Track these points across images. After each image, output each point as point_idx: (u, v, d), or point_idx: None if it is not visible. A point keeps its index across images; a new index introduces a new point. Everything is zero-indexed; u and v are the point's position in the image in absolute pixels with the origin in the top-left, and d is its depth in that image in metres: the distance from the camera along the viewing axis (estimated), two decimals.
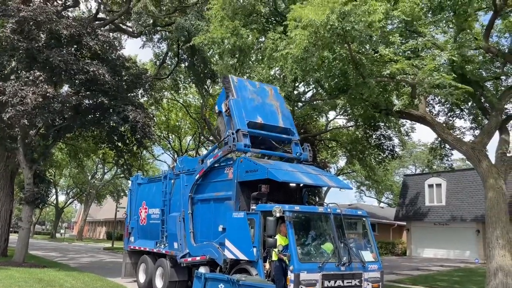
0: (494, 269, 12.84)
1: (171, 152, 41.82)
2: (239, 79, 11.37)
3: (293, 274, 8.05)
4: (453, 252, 27.97)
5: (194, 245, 11.05)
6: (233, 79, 11.23)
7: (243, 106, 10.83)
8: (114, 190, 53.97)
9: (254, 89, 11.38)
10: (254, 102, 11.15)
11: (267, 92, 11.68)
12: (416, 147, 49.90)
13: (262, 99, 11.41)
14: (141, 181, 15.04)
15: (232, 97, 10.88)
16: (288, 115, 11.96)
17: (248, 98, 11.09)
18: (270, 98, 11.56)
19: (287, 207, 8.63)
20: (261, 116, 11.01)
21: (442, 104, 18.14)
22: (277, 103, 11.65)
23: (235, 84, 11.13)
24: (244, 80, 11.62)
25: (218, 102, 11.81)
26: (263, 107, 11.29)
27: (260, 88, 11.60)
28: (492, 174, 13.45)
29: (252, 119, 10.81)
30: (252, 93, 11.26)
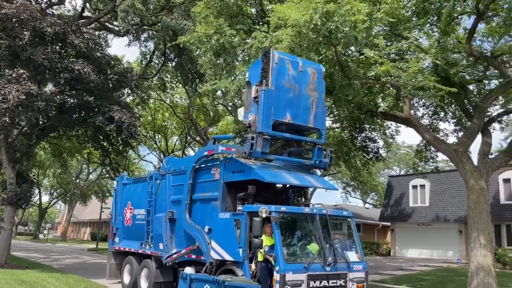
0: (475, 268, 13.07)
1: (157, 152, 41.56)
2: (280, 58, 9.55)
3: (279, 274, 8.07)
4: (436, 252, 28.36)
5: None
6: (274, 58, 9.47)
7: (275, 100, 9.44)
8: (99, 190, 53.38)
9: (295, 73, 9.73)
10: (289, 94, 9.69)
11: (309, 77, 10.00)
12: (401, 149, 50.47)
13: (300, 88, 9.84)
14: (126, 181, 14.92)
15: (265, 86, 9.30)
16: (323, 110, 10.54)
17: (284, 88, 9.58)
18: (310, 86, 9.98)
19: (273, 208, 8.66)
20: (291, 114, 9.71)
21: (426, 107, 18.40)
22: (315, 94, 10.09)
23: (274, 67, 9.43)
24: (286, 60, 9.66)
25: (250, 71, 10.06)
26: (297, 101, 9.84)
27: (302, 72, 9.86)
28: (474, 176, 13.69)
29: (280, 117, 9.59)
30: (291, 80, 9.68)
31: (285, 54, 9.88)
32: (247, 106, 9.88)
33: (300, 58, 10.26)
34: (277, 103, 9.45)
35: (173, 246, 11.57)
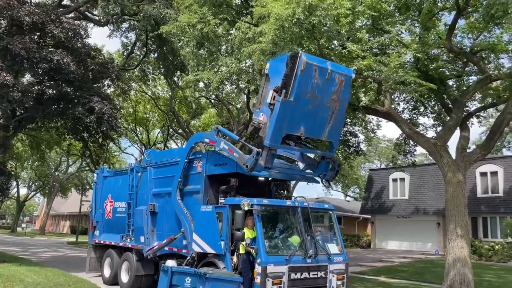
0: (452, 260, 13.38)
1: (139, 145, 41.12)
2: (308, 64, 8.39)
3: (260, 266, 8.11)
4: (415, 244, 28.94)
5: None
6: (301, 63, 8.32)
7: (292, 112, 8.58)
8: (79, 183, 52.61)
9: (320, 82, 8.72)
10: (308, 106, 8.79)
11: (335, 86, 8.99)
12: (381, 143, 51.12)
13: (322, 99, 8.91)
14: (107, 173, 14.74)
15: (284, 97, 8.30)
16: (341, 121, 9.85)
17: (304, 99, 8.64)
18: (333, 96, 9.06)
19: (255, 201, 8.68)
20: (305, 127, 9.00)
21: (406, 102, 18.65)
22: (336, 105, 9.22)
23: (299, 74, 8.36)
24: (313, 67, 8.52)
25: (271, 64, 9.05)
26: (316, 113, 9.02)
27: (329, 80, 8.83)
28: (452, 169, 13.98)
29: (293, 131, 8.95)
30: (314, 89, 8.68)
31: (314, 59, 8.77)
32: (260, 101, 9.05)
33: (331, 62, 9.16)
34: (292, 115, 8.64)
35: (155, 239, 11.50)
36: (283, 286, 8.25)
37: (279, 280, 8.18)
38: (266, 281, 8.04)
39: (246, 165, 8.65)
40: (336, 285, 9.14)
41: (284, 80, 8.39)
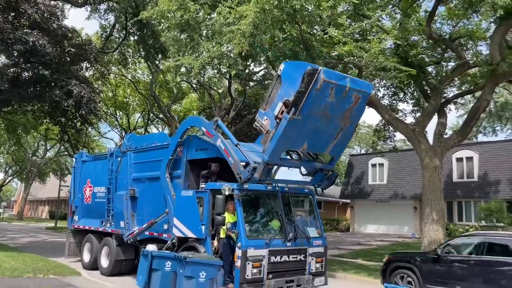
0: (428, 242, 13.78)
1: (119, 129, 40.54)
2: (326, 82, 7.78)
3: (241, 250, 8.18)
4: (392, 227, 29.59)
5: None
6: (318, 82, 7.70)
7: (297, 130, 8.14)
8: (58, 168, 51.74)
9: (335, 100, 8.13)
10: (317, 123, 8.33)
11: (349, 103, 8.43)
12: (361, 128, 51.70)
13: (333, 116, 8.41)
14: (85, 158, 14.54)
15: (292, 115, 7.76)
16: (348, 137, 9.45)
17: (314, 117, 8.15)
18: (346, 113, 8.57)
19: (236, 186, 8.70)
20: (309, 143, 8.70)
21: (386, 88, 18.87)
22: (347, 123, 8.79)
23: (314, 93, 7.78)
24: (331, 85, 7.89)
25: (286, 67, 8.34)
26: (323, 130, 8.59)
27: (345, 97, 8.25)
28: (429, 154, 14.28)
29: (295, 147, 8.71)
30: (327, 108, 8.15)
31: (333, 75, 8.07)
32: (266, 102, 8.51)
33: (350, 79, 8.34)
34: (298, 133, 8.22)
35: (135, 224, 11.46)
36: (263, 269, 8.35)
37: (259, 264, 8.27)
38: (246, 264, 8.12)
39: (240, 177, 8.42)
40: (315, 268, 9.32)
41: (297, 97, 7.77)
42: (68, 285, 9.94)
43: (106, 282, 10.77)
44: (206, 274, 6.78)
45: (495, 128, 41.33)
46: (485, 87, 14.16)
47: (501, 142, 27.74)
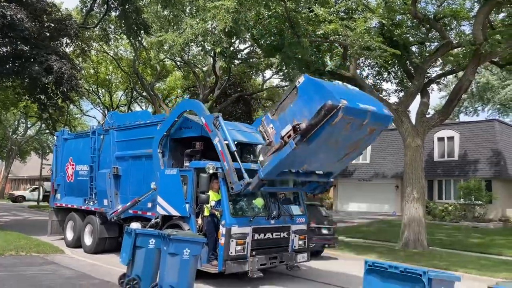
0: (408, 220, 14.12)
1: (101, 107, 39.92)
2: (343, 119, 7.06)
3: (225, 228, 8.26)
4: (374, 206, 30.16)
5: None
6: (336, 117, 6.97)
7: (300, 155, 7.71)
8: (39, 146, 50.89)
9: (349, 132, 7.54)
10: (322, 150, 7.83)
11: (362, 134, 7.90)
12: None
13: (343, 145, 7.90)
14: (67, 136, 14.33)
15: (299, 143, 7.23)
16: (351, 159, 9.12)
17: (322, 146, 7.64)
18: (357, 143, 8.11)
19: (219, 164, 8.70)
20: (309, 164, 8.32)
21: (371, 67, 18.93)
22: (355, 149, 8.37)
23: (328, 127, 7.13)
24: (347, 121, 7.22)
25: (305, 82, 7.50)
26: (327, 155, 8.16)
27: (361, 129, 7.63)
28: (411, 134, 14.48)
29: (294, 168, 8.25)
30: (337, 138, 7.57)
31: (355, 112, 7.22)
32: (276, 109, 7.92)
33: (372, 112, 7.51)
34: (300, 157, 7.80)
35: (118, 202, 11.43)
36: (247, 246, 8.45)
37: (243, 241, 8.37)
38: (230, 241, 8.21)
39: (232, 187, 8.19)
40: (298, 245, 9.48)
41: (308, 128, 7.16)
42: (51, 262, 9.93)
43: (90, 259, 10.79)
44: (190, 251, 6.83)
45: (476, 108, 42.05)
46: (468, 67, 14.32)
47: (482, 122, 28.25)
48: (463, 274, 9.99)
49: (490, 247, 14.96)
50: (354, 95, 7.79)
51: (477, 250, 14.37)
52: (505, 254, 13.64)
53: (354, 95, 7.79)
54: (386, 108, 8.15)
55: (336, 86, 7.70)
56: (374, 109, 7.53)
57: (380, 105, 8.04)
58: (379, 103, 8.31)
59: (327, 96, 7.03)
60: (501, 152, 25.14)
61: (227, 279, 8.78)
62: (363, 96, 8.38)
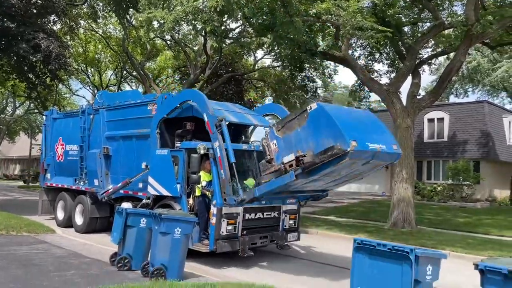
0: (397, 200, 14.30)
1: (91, 87, 39.38)
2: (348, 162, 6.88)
3: (216, 208, 8.31)
4: (364, 186, 30.46)
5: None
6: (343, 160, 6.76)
7: (299, 184, 7.66)
8: (28, 126, 50.31)
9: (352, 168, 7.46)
10: (323, 179, 7.75)
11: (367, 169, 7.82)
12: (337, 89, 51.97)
13: (343, 176, 7.82)
14: (56, 115, 14.18)
15: (301, 176, 7.15)
16: (348, 182, 8.88)
17: (323, 178, 7.62)
18: (358, 174, 8.06)
19: (210, 145, 8.68)
20: (308, 188, 8.32)
21: (363, 48, 18.85)
22: (355, 178, 8.41)
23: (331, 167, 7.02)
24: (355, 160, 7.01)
25: (318, 110, 7.12)
26: (325, 183, 8.20)
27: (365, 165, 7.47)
28: (402, 115, 14.55)
29: (290, 190, 8.22)
30: (340, 172, 7.47)
31: (363, 154, 7.00)
32: (283, 126, 7.68)
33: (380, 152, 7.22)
34: (300, 185, 7.80)
35: (109, 182, 11.42)
36: (238, 226, 8.53)
37: (234, 221, 8.44)
38: (222, 221, 8.27)
39: (225, 198, 8.10)
40: (289, 224, 9.59)
41: (311, 164, 7.01)
42: (42, 242, 9.94)
43: (81, 239, 10.81)
44: (181, 230, 6.88)
45: (466, 90, 42.27)
46: (459, 48, 14.32)
47: (472, 103, 28.44)
48: (450, 252, 10.22)
49: (477, 227, 15.27)
50: (365, 130, 7.35)
51: (464, 229, 14.66)
52: (491, 233, 13.94)
53: (365, 130, 7.35)
54: (396, 143, 7.82)
55: (347, 121, 7.15)
56: (383, 147, 7.26)
57: (389, 140, 7.70)
58: (389, 136, 7.95)
59: (337, 137, 6.72)
60: (489, 133, 25.42)
61: (219, 258, 8.88)
62: (374, 127, 7.83)
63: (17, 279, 6.50)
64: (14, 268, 7.19)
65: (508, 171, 27.57)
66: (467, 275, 8.28)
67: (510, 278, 3.76)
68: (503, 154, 26.42)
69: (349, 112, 7.72)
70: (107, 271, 7.40)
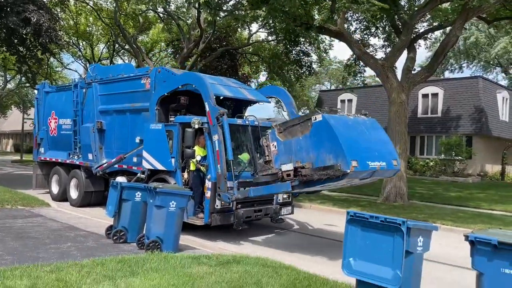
0: None
1: (83, 60, 38.76)
2: (358, 169, 6.75)
3: (211, 182, 8.36)
4: None
5: None
6: (342, 180, 6.94)
7: (297, 189, 7.73)
8: (20, 100, 49.67)
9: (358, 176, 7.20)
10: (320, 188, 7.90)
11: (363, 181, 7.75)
12: (332, 64, 51.60)
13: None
14: (48, 89, 14.00)
15: (296, 186, 7.32)
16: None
17: (316, 188, 7.76)
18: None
19: (205, 119, 8.66)
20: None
21: (359, 22, 18.63)
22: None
23: (330, 183, 7.11)
24: (361, 172, 6.92)
25: (319, 125, 7.06)
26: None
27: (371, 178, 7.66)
28: (397, 90, 14.53)
29: None
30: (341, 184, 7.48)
31: (362, 170, 6.86)
32: (286, 129, 7.62)
33: (382, 164, 7.17)
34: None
35: (103, 156, 11.41)
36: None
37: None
38: (216, 195, 8.32)
39: (219, 194, 8.15)
40: (283, 198, 9.69)
41: (309, 179, 7.05)
42: (37, 215, 9.98)
43: (76, 212, 10.87)
44: (176, 204, 6.93)
45: (461, 66, 42.18)
46: (456, 22, 14.21)
47: (466, 79, 28.43)
48: (441, 225, 10.41)
49: (467, 201, 15.52)
50: (368, 146, 7.18)
51: (455, 203, 14.90)
52: (481, 207, 14.19)
53: (368, 146, 7.18)
54: (397, 158, 7.67)
55: (350, 138, 6.98)
56: (383, 165, 7.16)
57: (390, 156, 7.52)
58: (391, 150, 7.74)
59: (339, 155, 6.66)
60: (483, 109, 25.53)
61: (213, 231, 9.00)
62: (377, 139, 7.64)
63: (13, 251, 6.55)
64: (10, 241, 7.24)
65: (500, 146, 27.86)
66: (457, 247, 8.47)
67: (499, 249, 3.85)
68: (496, 130, 26.62)
69: (354, 124, 7.51)
70: (103, 243, 7.48)
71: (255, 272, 5.73)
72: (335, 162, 6.69)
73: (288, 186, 7.27)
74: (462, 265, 7.09)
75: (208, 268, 5.83)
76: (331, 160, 6.76)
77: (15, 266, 5.47)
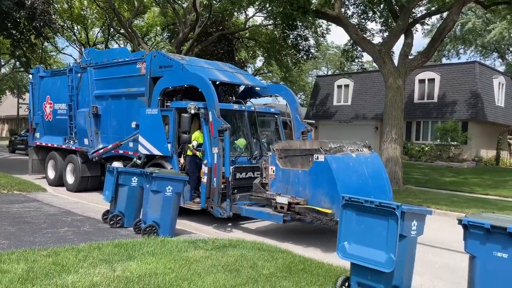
0: (386, 159, 14.51)
1: (78, 45, 38.34)
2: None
3: (207, 167, 8.37)
4: None
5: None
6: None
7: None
8: (14, 85, 49.27)
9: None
10: None
11: None
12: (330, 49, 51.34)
13: None
14: (43, 73, 13.88)
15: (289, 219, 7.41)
16: None
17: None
18: None
19: (202, 104, 8.64)
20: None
21: (356, 6, 18.48)
22: None
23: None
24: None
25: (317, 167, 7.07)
26: None
27: None
28: (393, 75, 14.50)
29: None
30: None
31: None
32: (284, 158, 7.65)
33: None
34: None
35: (99, 141, 11.39)
36: (229, 184, 8.61)
37: (224, 179, 8.52)
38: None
39: (212, 206, 8.15)
40: None
41: (301, 218, 7.12)
42: (34, 200, 10.00)
43: (73, 197, 10.89)
44: (172, 189, 6.95)
45: (458, 51, 42.07)
46: (453, 7, 14.12)
47: (463, 64, 28.36)
48: (435, 209, 10.50)
49: (462, 186, 15.64)
50: (365, 190, 6.96)
51: (450, 188, 15.02)
52: (476, 192, 14.31)
53: (365, 190, 6.96)
54: (391, 197, 7.54)
55: (349, 183, 6.89)
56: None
57: (387, 196, 7.38)
58: (388, 191, 7.57)
59: (335, 202, 6.58)
60: (479, 94, 25.55)
61: (210, 216, 9.04)
62: (376, 179, 7.49)
63: (10, 236, 6.58)
64: (7, 225, 7.26)
65: (495, 131, 27.97)
66: (451, 231, 8.57)
67: (492, 233, 3.90)
68: (491, 115, 26.69)
69: (355, 165, 7.32)
70: (99, 228, 7.51)
71: (251, 256, 5.79)
72: (330, 206, 6.71)
73: (280, 219, 7.37)
74: (455, 249, 7.18)
75: (205, 252, 5.89)
76: (327, 204, 6.78)
77: (11, 251, 5.50)
